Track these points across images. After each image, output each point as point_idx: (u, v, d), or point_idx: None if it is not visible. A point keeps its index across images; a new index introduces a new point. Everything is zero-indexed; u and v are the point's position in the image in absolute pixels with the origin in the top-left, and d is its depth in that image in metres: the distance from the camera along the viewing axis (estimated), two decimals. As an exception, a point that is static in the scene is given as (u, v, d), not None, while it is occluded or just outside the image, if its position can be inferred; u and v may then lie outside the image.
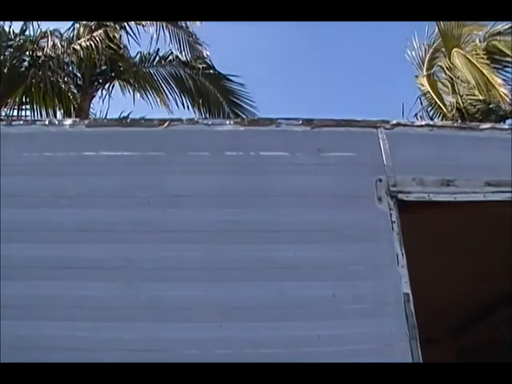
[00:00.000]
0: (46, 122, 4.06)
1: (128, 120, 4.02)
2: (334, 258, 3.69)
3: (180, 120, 4.00)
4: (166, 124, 3.95)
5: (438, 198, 3.90)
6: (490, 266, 5.43)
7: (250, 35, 19.43)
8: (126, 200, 3.75)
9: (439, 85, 17.19)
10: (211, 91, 13.72)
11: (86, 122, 4.11)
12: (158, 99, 13.77)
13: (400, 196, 3.83)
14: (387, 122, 4.03)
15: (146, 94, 13.76)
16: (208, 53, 13.84)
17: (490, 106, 15.42)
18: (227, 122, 4.10)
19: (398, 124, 4.07)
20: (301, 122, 3.95)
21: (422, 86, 17.44)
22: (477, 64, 15.07)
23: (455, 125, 4.56)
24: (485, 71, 15.01)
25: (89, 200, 3.74)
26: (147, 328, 3.49)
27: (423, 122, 4.09)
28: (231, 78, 13.92)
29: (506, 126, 4.44)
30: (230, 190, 3.78)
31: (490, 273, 5.55)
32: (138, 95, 13.68)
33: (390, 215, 3.79)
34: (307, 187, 3.80)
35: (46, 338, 3.42)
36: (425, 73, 17.24)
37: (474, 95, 15.47)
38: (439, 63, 16.75)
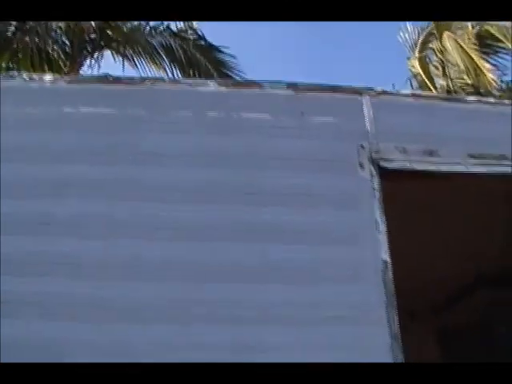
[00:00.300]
0: (27, 78, 3.98)
1: (110, 78, 3.96)
2: (315, 222, 3.66)
3: (162, 79, 3.95)
4: (149, 83, 3.90)
5: (420, 166, 3.89)
6: (475, 241, 5.43)
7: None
8: (107, 157, 3.70)
9: (431, 68, 17.18)
10: (202, 62, 13.60)
11: (67, 78, 4.05)
12: (148, 68, 13.66)
13: (382, 163, 3.81)
14: (372, 89, 3.99)
15: (135, 63, 13.63)
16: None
17: (481, 90, 15.41)
18: (210, 83, 4.04)
19: (384, 92, 4.04)
20: (285, 85, 3.90)
21: (413, 68, 17.43)
22: (466, 48, 15.05)
23: (441, 96, 4.54)
24: (474, 56, 14.99)
25: (69, 156, 3.68)
26: (125, 286, 3.46)
27: (409, 92, 4.04)
28: (223, 49, 13.83)
29: (492, 100, 4.41)
30: (212, 151, 3.74)
31: (474, 248, 5.54)
32: (127, 64, 13.56)
33: (372, 182, 3.76)
34: (291, 151, 3.77)
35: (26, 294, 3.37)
36: (417, 55, 17.21)
37: (463, 79, 15.46)
38: (431, 46, 16.72)
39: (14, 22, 12.36)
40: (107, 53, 13.78)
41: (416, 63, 17.14)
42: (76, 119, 3.79)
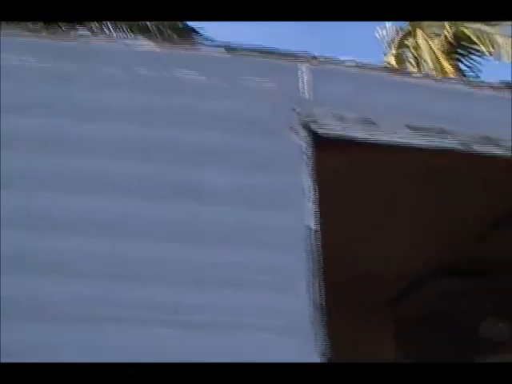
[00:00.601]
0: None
1: (45, 32, 3.87)
2: (244, 185, 3.61)
3: (98, 36, 3.87)
4: (83, 38, 3.83)
5: (355, 134, 3.82)
6: (424, 224, 5.37)
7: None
8: (38, 111, 3.59)
9: (407, 64, 17.30)
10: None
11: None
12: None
13: (315, 129, 3.74)
14: (312, 56, 3.92)
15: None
16: None
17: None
18: (146, 43, 3.96)
19: (325, 60, 3.97)
20: (221, 47, 3.83)
21: (389, 64, 17.52)
22: (434, 48, 15.17)
23: (384, 67, 4.49)
24: (440, 57, 15.11)
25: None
26: (52, 240, 3.38)
27: (353, 63, 3.98)
28: (200, 31, 13.76)
29: (439, 77, 4.38)
30: (144, 109, 3.66)
31: (423, 232, 5.48)
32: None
33: (304, 147, 3.70)
34: (222, 112, 3.70)
35: None
36: (394, 52, 17.32)
37: (432, 77, 15.62)
38: (406, 42, 16.87)
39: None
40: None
41: (392, 60, 17.25)
42: (8, 71, 3.69)
